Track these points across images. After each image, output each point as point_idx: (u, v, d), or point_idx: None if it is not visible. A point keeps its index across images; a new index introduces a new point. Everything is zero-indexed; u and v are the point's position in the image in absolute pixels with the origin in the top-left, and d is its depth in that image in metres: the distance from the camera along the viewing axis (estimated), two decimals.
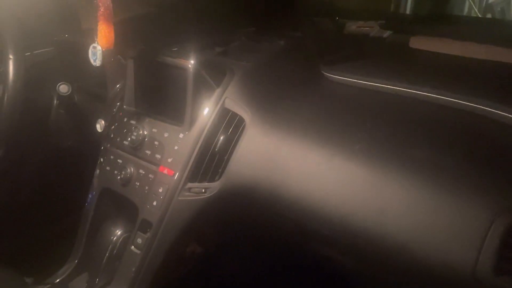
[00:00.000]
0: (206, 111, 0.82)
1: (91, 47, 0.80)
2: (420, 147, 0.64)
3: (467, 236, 0.54)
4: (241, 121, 0.81)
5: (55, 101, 1.02)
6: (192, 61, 0.81)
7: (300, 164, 0.73)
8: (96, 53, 0.80)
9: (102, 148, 0.96)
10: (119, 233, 0.91)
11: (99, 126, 0.99)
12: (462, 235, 0.55)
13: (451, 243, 0.55)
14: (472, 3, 1.97)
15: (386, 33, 0.96)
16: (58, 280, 0.92)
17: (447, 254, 0.56)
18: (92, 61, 0.81)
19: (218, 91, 0.83)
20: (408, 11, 1.71)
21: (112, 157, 0.92)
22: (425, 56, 0.84)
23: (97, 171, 0.95)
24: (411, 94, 0.75)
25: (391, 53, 0.89)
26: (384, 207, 0.62)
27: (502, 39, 0.81)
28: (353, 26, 1.03)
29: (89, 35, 0.81)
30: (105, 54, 0.80)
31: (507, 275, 0.51)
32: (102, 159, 0.95)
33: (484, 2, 2.12)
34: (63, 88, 0.95)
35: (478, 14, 1.98)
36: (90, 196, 0.95)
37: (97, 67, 0.86)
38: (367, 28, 1.00)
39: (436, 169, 0.60)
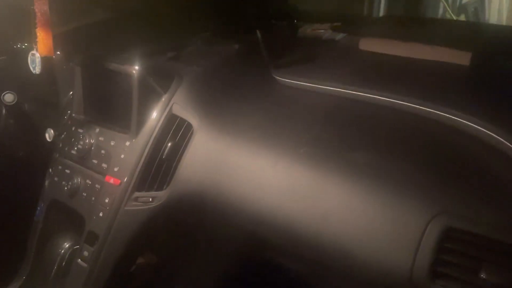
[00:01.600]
0: (153, 117, 0.80)
1: (30, 54, 0.78)
2: (363, 151, 0.63)
3: (404, 240, 0.53)
4: (189, 127, 0.79)
5: (3, 111, 0.98)
6: (136, 67, 0.79)
7: (247, 169, 0.71)
8: (35, 60, 0.77)
9: (51, 158, 0.93)
10: (67, 246, 0.88)
11: (48, 135, 0.96)
12: (400, 239, 0.54)
13: (389, 247, 0.54)
14: (446, 4, 1.99)
15: (339, 36, 0.95)
16: None
17: (385, 258, 0.54)
18: (31, 68, 0.78)
19: (165, 97, 0.81)
20: (381, 13, 1.72)
21: (60, 167, 0.89)
22: (374, 58, 0.84)
23: (46, 182, 0.92)
24: (357, 97, 0.74)
25: (341, 55, 0.88)
26: (327, 212, 0.61)
27: (448, 39, 0.80)
28: (308, 29, 1.02)
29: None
30: (44, 61, 0.78)
31: (444, 279, 0.50)
32: (50, 170, 0.92)
33: (458, 3, 2.14)
34: (8, 98, 0.92)
35: (452, 15, 2.00)
36: (38, 208, 0.92)
37: (45, 75, 0.83)
38: (321, 31, 0.99)
39: (377, 172, 0.59)
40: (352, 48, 0.87)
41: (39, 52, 0.76)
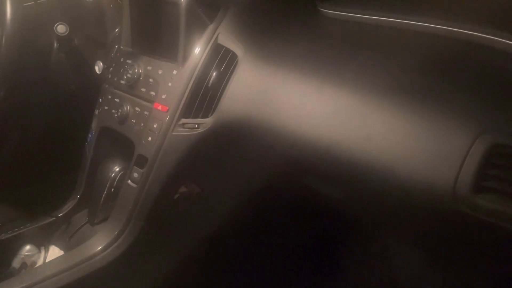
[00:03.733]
0: (199, 47, 0.82)
1: None
2: (408, 74, 0.63)
3: (449, 156, 0.54)
4: (234, 56, 0.80)
5: (55, 44, 1.02)
6: None
7: (291, 96, 0.73)
8: None
9: (101, 89, 0.97)
10: (117, 169, 0.93)
11: (98, 68, 1.00)
12: (445, 155, 0.54)
13: (433, 163, 0.55)
14: None
15: None
16: (61, 214, 0.96)
17: (429, 174, 0.55)
18: None
19: (211, 26, 0.82)
20: None
21: (110, 96, 0.93)
22: None
23: (96, 111, 0.97)
24: (403, 25, 0.73)
25: None
26: (369, 134, 0.62)
27: None
28: None
29: None
30: None
31: (487, 193, 0.51)
32: (100, 100, 0.96)
33: None
34: (61, 29, 0.96)
35: None
36: (90, 135, 0.97)
37: (95, 8, 0.86)
38: None
39: (422, 93, 0.59)
40: None
41: None
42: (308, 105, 0.70)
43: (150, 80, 0.86)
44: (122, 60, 0.93)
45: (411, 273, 0.97)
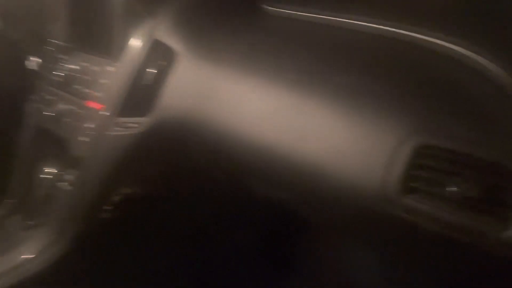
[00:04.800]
0: (136, 42, 0.78)
1: None
2: (345, 74, 0.62)
3: (378, 156, 0.53)
4: (172, 52, 0.77)
5: None
6: None
7: (232, 94, 0.71)
8: None
9: (35, 85, 0.92)
10: (51, 171, 0.89)
11: (32, 63, 0.94)
12: (374, 155, 0.54)
13: (364, 163, 0.55)
14: None
15: None
16: None
17: (360, 175, 0.55)
18: None
19: (149, 21, 0.79)
20: None
21: (43, 94, 0.88)
22: None
23: (30, 109, 0.92)
24: (344, 24, 0.72)
25: None
26: (305, 133, 0.61)
27: None
28: None
29: None
30: None
31: (415, 194, 0.51)
32: (34, 97, 0.91)
33: None
34: None
35: None
36: (23, 135, 0.92)
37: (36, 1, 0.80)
38: None
39: (356, 93, 0.59)
40: None
41: None
42: (249, 104, 0.69)
43: (86, 77, 0.82)
44: (57, 56, 0.88)
45: (361, 273, 0.98)
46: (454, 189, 0.48)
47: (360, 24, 0.71)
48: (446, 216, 0.48)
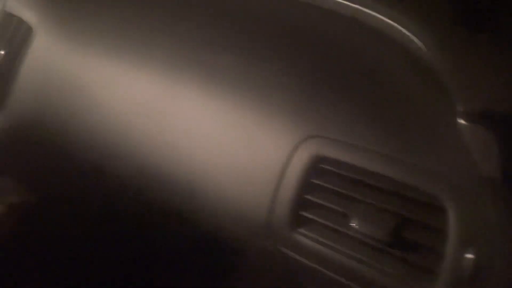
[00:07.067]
0: None
1: None
2: (229, 54, 0.46)
3: (263, 174, 0.39)
4: (27, 28, 0.59)
5: None
6: None
7: (91, 84, 0.55)
8: None
9: None
10: None
11: None
12: (259, 172, 0.39)
13: (246, 183, 0.40)
14: None
15: None
16: None
17: (241, 199, 0.40)
18: None
19: None
20: None
21: None
22: None
23: None
24: None
25: None
26: (176, 136, 0.46)
27: None
28: None
29: None
30: None
31: (308, 226, 0.37)
32: None
33: None
34: None
35: None
36: None
37: None
38: None
39: (238, 81, 0.43)
40: None
41: None
42: (109, 98, 0.52)
43: None
44: None
45: None
46: (355, 223, 0.34)
47: None
48: (343, 260, 0.34)
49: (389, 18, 0.36)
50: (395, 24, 0.35)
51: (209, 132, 0.43)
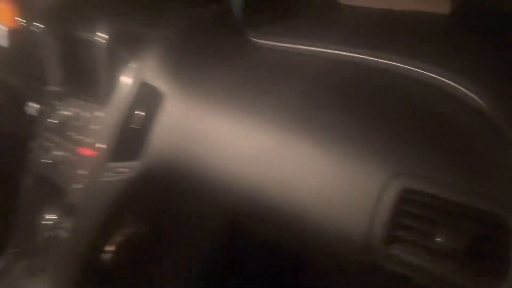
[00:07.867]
0: (124, 86, 0.78)
1: None
2: (329, 110, 0.60)
3: (361, 202, 0.50)
4: (160, 94, 0.77)
5: None
6: (105, 36, 0.77)
7: (216, 136, 0.69)
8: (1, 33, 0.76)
9: (33, 132, 0.93)
10: (51, 218, 0.89)
11: (31, 109, 0.96)
12: (357, 201, 0.51)
13: (346, 210, 0.52)
14: None
15: None
16: None
17: (343, 223, 0.52)
18: None
19: (135, 64, 0.78)
20: None
21: (41, 140, 0.89)
22: (355, 12, 0.78)
23: (29, 156, 0.93)
24: (332, 55, 0.70)
25: (320, 11, 0.83)
26: (290, 176, 0.59)
27: None
28: None
29: None
30: (11, 34, 0.76)
31: (400, 243, 0.48)
32: (33, 144, 0.92)
33: None
34: None
35: None
36: (24, 182, 0.93)
37: (22, 48, 0.82)
38: None
39: (338, 132, 0.56)
40: (330, 3, 0.82)
41: (3, 24, 0.74)
42: (235, 144, 0.67)
43: (77, 123, 0.82)
44: (51, 101, 0.89)
45: None
46: (439, 239, 0.44)
47: (346, 55, 0.69)
48: (430, 268, 0.45)
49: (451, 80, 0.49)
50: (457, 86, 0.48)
51: (315, 171, 0.56)
